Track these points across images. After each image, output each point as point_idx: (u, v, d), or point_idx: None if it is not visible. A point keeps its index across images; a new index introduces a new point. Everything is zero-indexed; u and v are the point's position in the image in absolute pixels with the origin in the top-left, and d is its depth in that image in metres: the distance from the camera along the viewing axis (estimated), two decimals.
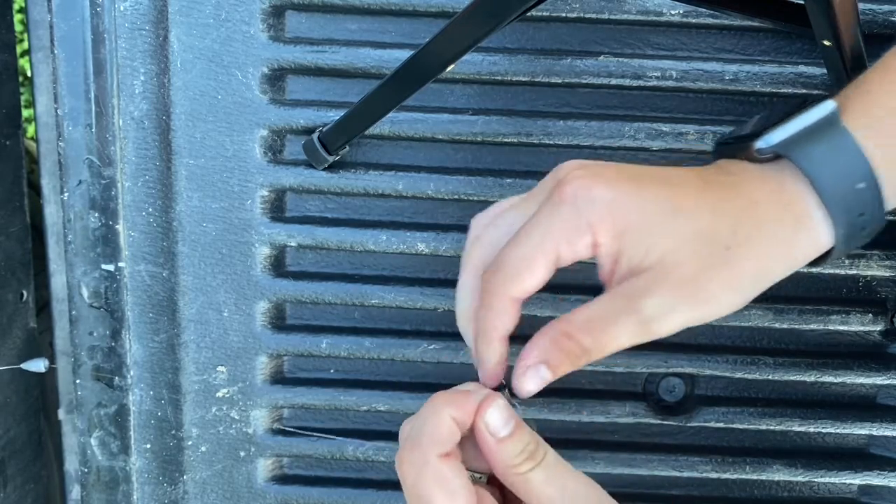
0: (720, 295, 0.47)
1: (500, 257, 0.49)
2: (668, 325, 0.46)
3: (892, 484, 0.74)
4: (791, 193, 0.47)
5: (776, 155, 0.48)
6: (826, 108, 0.48)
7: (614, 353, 0.48)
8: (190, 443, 0.77)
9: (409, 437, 0.49)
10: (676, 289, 0.46)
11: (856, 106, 0.49)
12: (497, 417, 0.48)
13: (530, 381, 0.48)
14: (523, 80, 0.69)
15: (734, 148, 0.51)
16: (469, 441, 0.50)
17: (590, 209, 0.47)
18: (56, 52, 0.70)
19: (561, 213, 0.47)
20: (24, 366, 0.83)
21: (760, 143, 0.48)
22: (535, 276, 0.48)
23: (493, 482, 0.52)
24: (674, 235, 0.46)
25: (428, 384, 0.76)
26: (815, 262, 0.49)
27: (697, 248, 0.46)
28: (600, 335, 0.47)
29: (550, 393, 0.53)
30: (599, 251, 0.47)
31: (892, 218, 0.70)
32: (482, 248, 0.52)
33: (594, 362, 0.48)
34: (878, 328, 0.72)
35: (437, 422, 0.48)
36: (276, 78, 0.71)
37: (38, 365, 0.83)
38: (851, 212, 0.47)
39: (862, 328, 0.72)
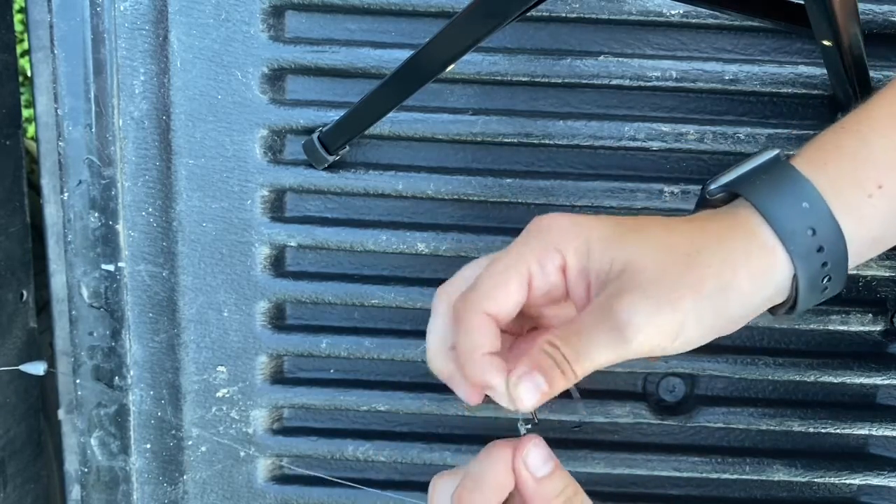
0: (687, 298, 0.48)
1: (474, 282, 0.52)
2: (641, 331, 0.47)
3: (891, 484, 0.74)
4: (740, 218, 0.50)
5: (727, 197, 0.52)
6: (769, 153, 0.52)
7: (598, 368, 0.49)
8: (190, 443, 0.77)
9: (470, 477, 0.51)
10: (643, 290, 0.48)
11: (801, 152, 0.52)
12: (536, 456, 0.50)
13: (526, 392, 0.49)
14: (523, 80, 0.69)
15: (696, 206, 0.54)
16: None
17: (556, 234, 0.51)
18: (56, 52, 0.70)
19: (530, 241, 0.51)
20: (23, 368, 0.83)
21: (711, 186, 0.52)
22: (509, 295, 0.50)
23: None
24: (634, 245, 0.49)
25: (428, 384, 0.76)
26: (791, 309, 0.51)
27: (658, 255, 0.49)
28: (580, 344, 0.48)
29: None
30: (570, 273, 0.50)
31: None
32: (455, 284, 0.55)
33: None
34: (878, 328, 0.72)
35: (497, 468, 0.50)
36: (276, 78, 0.71)
37: (38, 368, 0.83)
38: (800, 231, 0.49)
39: (862, 328, 0.72)
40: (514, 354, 0.54)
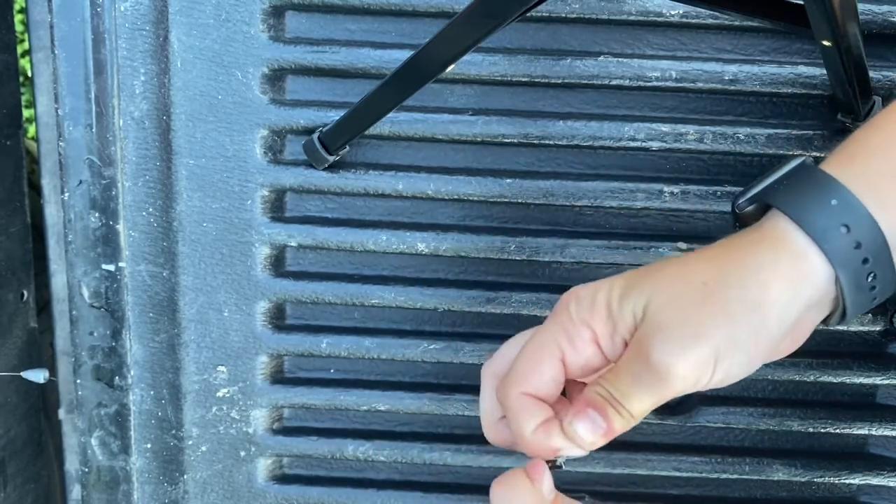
0: (714, 327, 0.47)
1: (511, 366, 0.54)
2: (678, 366, 0.48)
3: (890, 484, 0.74)
4: (767, 228, 0.49)
5: (759, 209, 0.51)
6: (795, 160, 0.51)
7: (650, 408, 0.50)
8: (190, 442, 0.77)
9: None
10: (666, 330, 0.48)
11: (829, 155, 0.51)
12: (548, 482, 0.53)
13: (581, 427, 0.51)
14: (523, 80, 0.70)
15: (732, 223, 0.54)
16: None
17: (580, 308, 0.51)
18: (56, 52, 0.70)
19: (559, 319, 0.52)
20: (24, 374, 0.83)
21: (739, 200, 0.51)
22: (542, 376, 0.52)
23: None
24: (649, 288, 0.49)
25: (428, 384, 0.76)
26: (843, 316, 0.50)
27: (673, 292, 0.49)
28: (622, 386, 0.50)
29: None
30: (602, 342, 0.51)
31: None
32: (497, 361, 0.57)
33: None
34: (878, 328, 0.72)
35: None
36: (276, 78, 0.71)
37: (38, 375, 0.84)
38: (832, 229, 0.47)
39: (861, 328, 0.72)
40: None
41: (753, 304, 0.47)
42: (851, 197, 0.48)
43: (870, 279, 0.48)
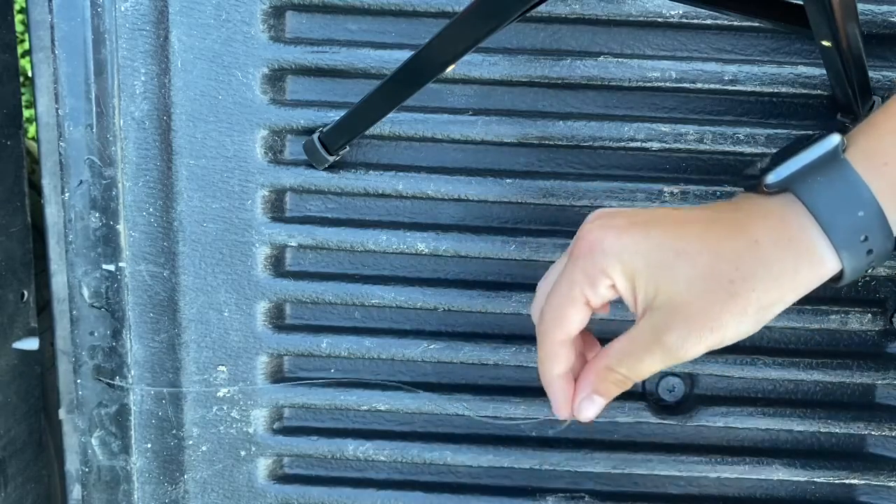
0: (730, 323, 0.51)
1: (542, 309, 0.57)
2: (690, 351, 0.52)
3: (890, 484, 0.74)
4: (793, 227, 0.51)
5: (784, 188, 0.52)
6: (830, 142, 0.51)
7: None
8: (190, 442, 0.77)
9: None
10: (689, 322, 0.51)
11: (859, 140, 0.52)
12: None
13: (587, 410, 0.56)
14: (523, 80, 0.70)
15: (754, 182, 0.54)
16: None
17: (602, 259, 0.53)
18: (57, 52, 0.70)
19: (579, 265, 0.54)
20: (16, 345, 0.83)
21: (769, 178, 0.52)
22: (571, 321, 0.55)
23: None
24: (678, 278, 0.51)
25: (428, 384, 0.76)
26: (832, 282, 0.52)
27: (702, 286, 0.51)
28: (635, 365, 0.54)
29: None
30: (619, 289, 0.53)
31: None
32: (537, 301, 0.60)
33: None
34: (877, 328, 0.72)
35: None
36: (276, 78, 0.71)
37: (32, 343, 0.84)
38: (854, 238, 0.50)
39: (861, 328, 0.72)
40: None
41: (768, 306, 0.51)
42: (878, 212, 0.50)
43: (866, 271, 0.53)
